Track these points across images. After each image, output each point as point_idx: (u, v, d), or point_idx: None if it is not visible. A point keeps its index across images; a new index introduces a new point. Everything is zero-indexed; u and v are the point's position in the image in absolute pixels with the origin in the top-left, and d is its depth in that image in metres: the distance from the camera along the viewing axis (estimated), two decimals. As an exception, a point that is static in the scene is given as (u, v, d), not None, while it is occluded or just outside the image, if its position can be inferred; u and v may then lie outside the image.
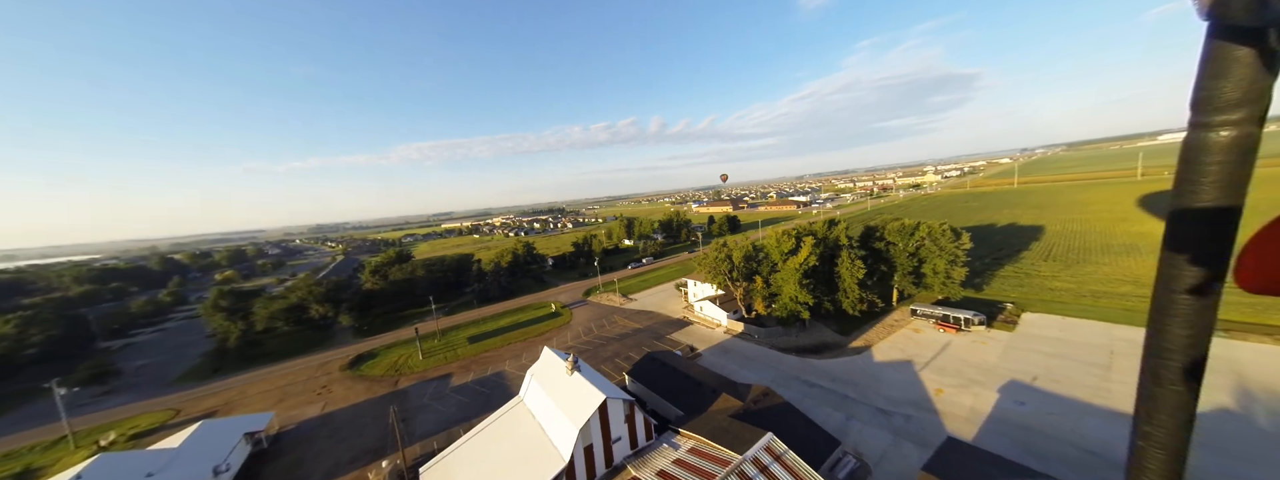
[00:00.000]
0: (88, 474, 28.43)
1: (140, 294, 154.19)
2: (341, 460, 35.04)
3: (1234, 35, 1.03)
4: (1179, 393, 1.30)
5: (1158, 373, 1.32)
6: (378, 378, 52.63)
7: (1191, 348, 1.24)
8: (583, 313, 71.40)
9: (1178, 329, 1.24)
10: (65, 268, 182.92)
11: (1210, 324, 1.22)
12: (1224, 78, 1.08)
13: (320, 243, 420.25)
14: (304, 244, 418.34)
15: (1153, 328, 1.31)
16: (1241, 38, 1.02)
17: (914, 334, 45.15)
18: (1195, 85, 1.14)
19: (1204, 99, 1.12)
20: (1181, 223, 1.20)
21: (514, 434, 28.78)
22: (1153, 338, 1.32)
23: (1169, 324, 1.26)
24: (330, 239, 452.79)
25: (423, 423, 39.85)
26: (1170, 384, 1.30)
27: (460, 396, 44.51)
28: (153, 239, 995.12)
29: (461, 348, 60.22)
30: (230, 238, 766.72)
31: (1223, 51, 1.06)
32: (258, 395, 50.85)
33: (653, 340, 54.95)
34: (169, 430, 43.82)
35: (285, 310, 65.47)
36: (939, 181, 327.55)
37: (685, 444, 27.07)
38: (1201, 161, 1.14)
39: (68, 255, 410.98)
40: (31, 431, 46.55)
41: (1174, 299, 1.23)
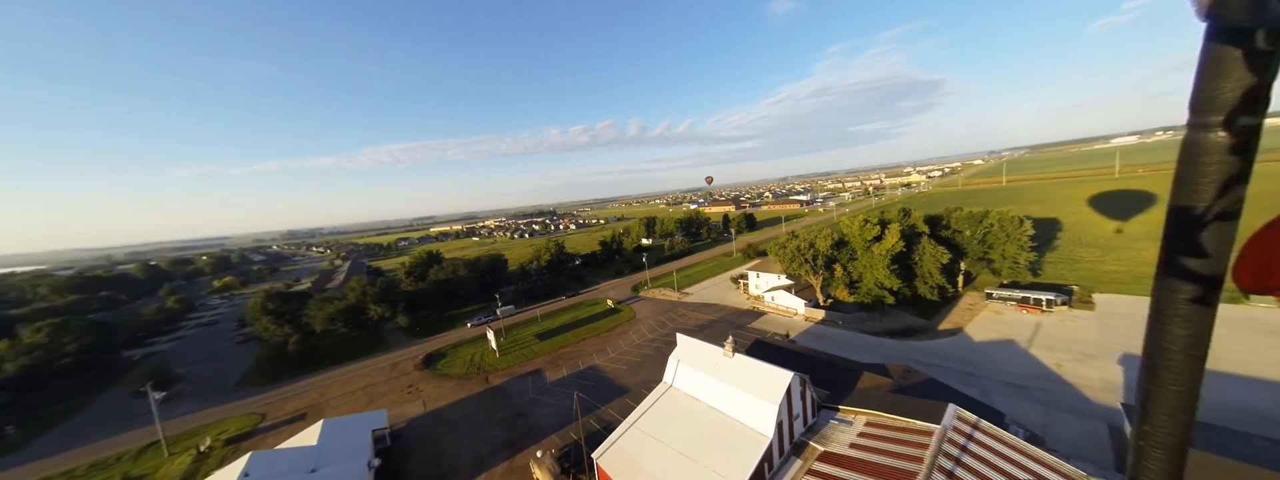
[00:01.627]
0: (252, 470, 27.51)
1: (131, 302, 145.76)
2: (481, 452, 34.74)
3: (1232, 36, 1.04)
4: (1179, 393, 1.30)
5: (1157, 372, 1.34)
6: (462, 376, 51.89)
7: (1191, 348, 1.25)
8: (643, 308, 71.83)
9: (1177, 329, 1.26)
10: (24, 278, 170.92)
11: (1210, 324, 1.23)
12: (1222, 78, 1.09)
13: (303, 248, 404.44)
14: (285, 250, 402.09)
15: (1152, 328, 1.33)
16: (1240, 39, 1.04)
17: (996, 316, 47.65)
18: (1194, 86, 1.16)
19: (1203, 99, 1.14)
20: (1180, 223, 1.22)
21: (682, 417, 29.25)
22: (1152, 338, 1.33)
23: (1169, 324, 1.28)
24: (313, 244, 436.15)
25: (541, 416, 39.73)
26: (1170, 384, 1.31)
27: (565, 390, 44.41)
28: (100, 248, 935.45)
29: (533, 345, 59.84)
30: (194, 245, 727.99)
31: (1221, 52, 1.08)
32: (341, 396, 49.42)
33: (733, 329, 55.94)
34: (263, 434, 42.43)
35: (343, 312, 63.47)
36: (927, 181, 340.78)
37: (856, 419, 28.14)
38: (1200, 162, 1.16)
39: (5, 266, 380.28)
40: (106, 442, 44.03)
41: (1173, 299, 1.25)
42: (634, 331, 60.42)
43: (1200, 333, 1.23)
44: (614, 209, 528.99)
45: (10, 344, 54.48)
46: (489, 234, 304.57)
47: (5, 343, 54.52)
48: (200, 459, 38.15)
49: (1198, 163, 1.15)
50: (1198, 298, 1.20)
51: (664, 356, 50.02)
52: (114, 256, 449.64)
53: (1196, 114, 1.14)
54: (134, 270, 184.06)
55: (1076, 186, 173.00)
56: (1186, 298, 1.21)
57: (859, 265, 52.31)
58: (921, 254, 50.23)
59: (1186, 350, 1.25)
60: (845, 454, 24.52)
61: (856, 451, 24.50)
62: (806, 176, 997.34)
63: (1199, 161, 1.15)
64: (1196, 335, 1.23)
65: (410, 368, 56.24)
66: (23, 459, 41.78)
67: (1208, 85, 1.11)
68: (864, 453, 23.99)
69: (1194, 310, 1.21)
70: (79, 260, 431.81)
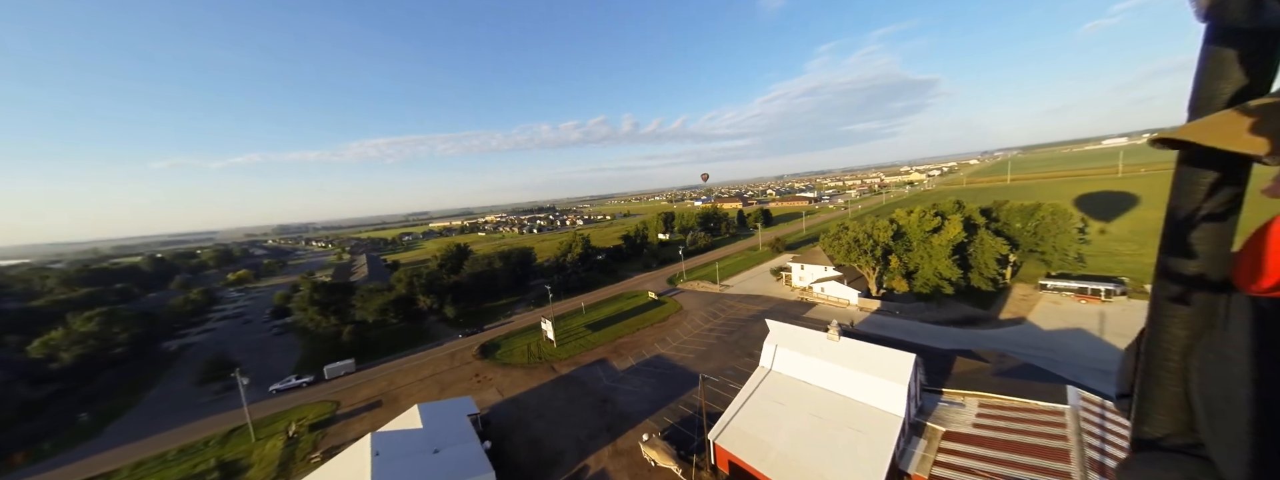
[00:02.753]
0: (380, 448, 27.92)
1: (144, 296, 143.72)
2: (578, 436, 35.37)
3: (1232, 37, 1.04)
4: (1177, 394, 1.29)
5: (1157, 373, 1.33)
6: (526, 365, 52.38)
7: (1191, 349, 1.23)
8: (686, 300, 72.59)
9: (1177, 330, 1.25)
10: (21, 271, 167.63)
11: (1209, 325, 1.21)
12: (1222, 79, 1.09)
13: (300, 242, 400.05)
14: (283, 244, 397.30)
15: (1152, 328, 1.32)
16: (1239, 40, 1.03)
17: (1056, 306, 49.09)
18: (1194, 87, 1.15)
19: (1203, 100, 1.13)
20: (1180, 224, 1.21)
21: (794, 400, 30.05)
22: (1152, 338, 1.33)
23: (1168, 325, 1.27)
24: (311, 238, 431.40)
25: (626, 403, 40.34)
26: (1169, 385, 1.30)
27: (639, 378, 45.13)
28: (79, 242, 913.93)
29: (587, 336, 60.33)
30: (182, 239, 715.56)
31: (1221, 53, 1.07)
32: (410, 385, 49.72)
33: (790, 319, 56.91)
34: (343, 420, 42.73)
35: (393, 302, 63.44)
36: (928, 179, 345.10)
37: (967, 401, 29.18)
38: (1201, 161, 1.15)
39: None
40: (182, 429, 44.05)
41: (1173, 300, 1.25)
42: (687, 322, 61.21)
43: (1199, 334, 1.21)
44: (613, 206, 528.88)
45: (64, 333, 53.87)
46: (494, 229, 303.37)
47: (60, 331, 53.90)
48: (291, 443, 38.37)
49: (1197, 164, 1.15)
50: (1197, 299, 1.20)
51: (727, 346, 51.17)
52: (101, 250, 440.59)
53: (1196, 115, 1.14)
54: (141, 263, 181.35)
55: (1080, 185, 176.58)
56: (1185, 299, 1.22)
57: (915, 256, 53.47)
58: (979, 245, 51.48)
59: (1186, 351, 1.24)
60: (972, 433, 25.48)
61: (984, 431, 25.47)
62: (803, 175, 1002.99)
63: (1199, 161, 1.14)
64: (1195, 337, 1.22)
65: (469, 357, 56.59)
66: (104, 445, 41.66)
67: (1208, 86, 1.11)
68: (994, 432, 24.95)
69: (1193, 312, 1.21)
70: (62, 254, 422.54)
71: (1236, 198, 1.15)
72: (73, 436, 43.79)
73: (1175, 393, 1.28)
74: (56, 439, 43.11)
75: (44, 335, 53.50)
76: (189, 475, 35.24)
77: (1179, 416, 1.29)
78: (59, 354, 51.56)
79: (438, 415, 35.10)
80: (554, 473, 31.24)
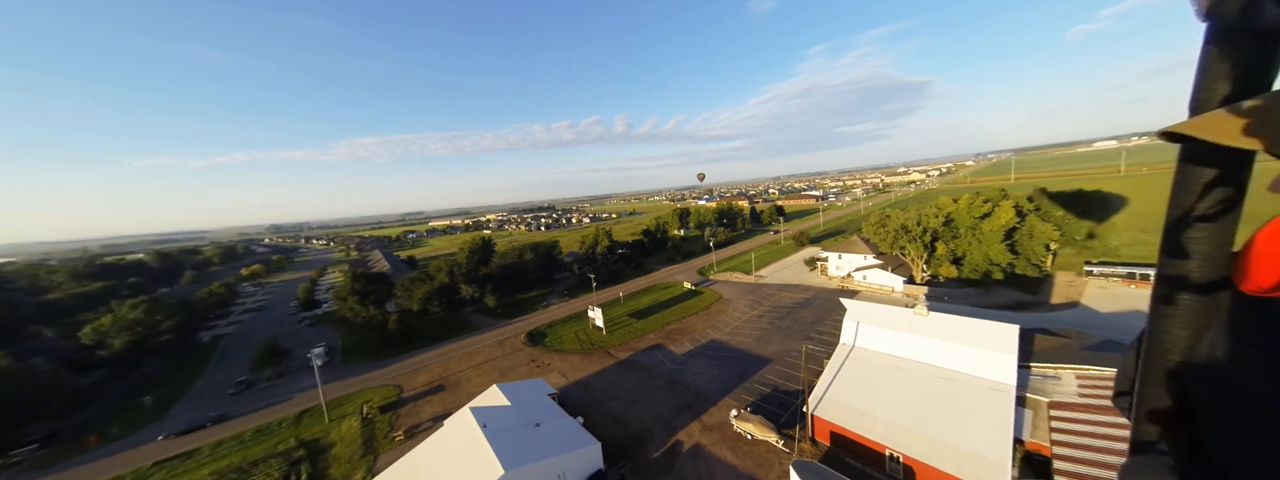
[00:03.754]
0: (485, 421, 28.07)
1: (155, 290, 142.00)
2: (661, 414, 35.68)
3: (1232, 37, 1.05)
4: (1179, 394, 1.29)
5: (1157, 374, 1.32)
6: (581, 350, 52.58)
7: (1191, 349, 1.23)
8: (724, 289, 73.04)
9: (1177, 330, 1.25)
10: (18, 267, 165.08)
11: (1210, 325, 1.20)
12: (1223, 79, 1.09)
13: (298, 241, 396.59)
14: (282, 243, 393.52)
15: (1153, 328, 1.32)
16: (1240, 39, 1.04)
17: (1104, 291, 50.09)
18: (1194, 86, 1.15)
19: (1203, 100, 1.13)
20: (1180, 223, 1.21)
21: (887, 373, 30.58)
22: (1153, 338, 1.33)
23: (1169, 325, 1.27)
24: (310, 237, 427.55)
25: (698, 383, 40.66)
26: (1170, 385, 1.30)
27: (702, 361, 45.49)
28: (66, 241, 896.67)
29: (632, 324, 60.56)
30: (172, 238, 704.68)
31: (1221, 53, 1.08)
32: (468, 370, 49.78)
33: (834, 307, 57.58)
34: (411, 402, 42.83)
35: (437, 291, 63.31)
36: (928, 179, 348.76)
37: (1062, 374, 29.79)
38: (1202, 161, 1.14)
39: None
40: (248, 413, 43.73)
41: (1174, 300, 1.25)
42: (732, 310, 61.66)
43: (1199, 334, 1.21)
44: (614, 205, 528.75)
45: (112, 319, 53.23)
46: (498, 226, 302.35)
47: (108, 318, 53.25)
48: (367, 424, 38.33)
49: (1198, 164, 1.15)
50: (1197, 299, 1.19)
51: (781, 331, 51.69)
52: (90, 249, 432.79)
53: (1197, 114, 1.12)
54: (148, 259, 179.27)
55: (1085, 184, 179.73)
56: (1187, 299, 1.21)
57: (963, 242, 54.32)
58: (1028, 231, 52.40)
59: (1186, 351, 1.23)
60: (1080, 402, 26.10)
61: (1092, 400, 26.12)
62: (799, 176, 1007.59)
63: (1200, 161, 1.14)
64: (1196, 336, 1.22)
65: (518, 345, 56.66)
66: (173, 428, 41.32)
67: (1208, 85, 1.11)
68: (1104, 400, 25.56)
69: (1194, 312, 1.21)
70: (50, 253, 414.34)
71: (1236, 198, 1.14)
72: (137, 419, 43.39)
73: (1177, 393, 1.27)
74: (121, 423, 42.69)
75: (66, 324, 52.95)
76: (273, 453, 35.15)
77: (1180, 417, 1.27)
78: (109, 340, 50.95)
79: (520, 393, 35.27)
80: (647, 447, 31.52)
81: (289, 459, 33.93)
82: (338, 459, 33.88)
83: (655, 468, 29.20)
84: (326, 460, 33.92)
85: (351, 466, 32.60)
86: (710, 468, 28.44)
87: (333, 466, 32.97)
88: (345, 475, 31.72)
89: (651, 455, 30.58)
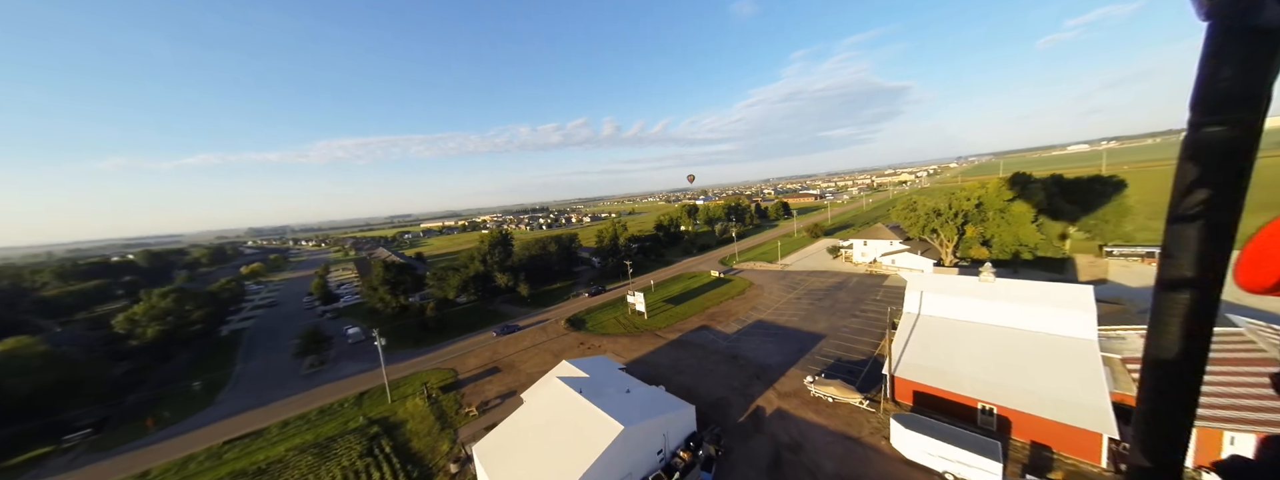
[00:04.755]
0: (580, 388, 28.41)
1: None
2: (732, 385, 36.40)
3: (1233, 36, 1.06)
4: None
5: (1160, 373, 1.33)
6: (630, 333, 53.00)
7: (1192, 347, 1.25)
8: (752, 277, 74.19)
9: (1178, 328, 1.26)
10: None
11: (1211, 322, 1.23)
12: (1224, 78, 1.09)
13: (290, 242, 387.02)
14: (269, 244, 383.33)
15: (1153, 327, 1.33)
16: (1241, 38, 1.05)
17: (1126, 269, 52.63)
18: (1195, 85, 1.16)
19: (1204, 99, 1.14)
20: (1181, 222, 1.22)
21: (960, 336, 31.80)
22: (1153, 336, 1.33)
23: (1170, 323, 1.28)
24: (300, 239, 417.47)
25: (759, 357, 41.42)
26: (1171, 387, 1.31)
27: (755, 339, 46.36)
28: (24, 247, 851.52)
29: (669, 309, 61.13)
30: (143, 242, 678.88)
31: (1222, 52, 1.08)
32: (517, 353, 49.78)
33: (868, 289, 59.28)
34: (470, 383, 42.86)
35: (473, 279, 62.99)
36: (918, 180, 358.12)
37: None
38: (1201, 161, 1.16)
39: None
40: (300, 396, 43.25)
41: (1174, 298, 1.25)
42: (767, 294, 62.77)
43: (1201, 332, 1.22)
44: (606, 206, 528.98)
45: (144, 307, 51.68)
46: (497, 226, 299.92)
47: (140, 306, 51.69)
48: (434, 403, 38.15)
49: (1199, 162, 1.16)
50: (1198, 297, 1.20)
51: (824, 310, 52.93)
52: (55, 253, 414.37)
53: (1197, 113, 1.14)
54: (138, 258, 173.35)
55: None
56: (1187, 297, 1.22)
57: (991, 225, 56.52)
58: (1054, 215, 54.81)
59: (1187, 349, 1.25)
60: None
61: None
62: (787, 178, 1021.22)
63: (1200, 161, 1.16)
64: (1197, 335, 1.23)
65: (561, 330, 56.78)
66: (225, 412, 40.61)
67: (1209, 84, 1.12)
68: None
69: (1195, 310, 1.22)
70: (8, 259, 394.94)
71: (1237, 198, 1.15)
72: (188, 405, 42.30)
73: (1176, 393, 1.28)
74: (171, 408, 41.60)
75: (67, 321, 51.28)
76: (345, 430, 34.80)
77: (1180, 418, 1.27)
78: (141, 329, 49.48)
79: (593, 368, 35.62)
80: (730, 413, 32.20)
81: (365, 434, 33.67)
82: (415, 433, 33.74)
83: (745, 430, 29.89)
84: (403, 435, 33.74)
85: (433, 439, 32.53)
86: (800, 428, 29.25)
87: (413, 441, 32.84)
88: (429, 447, 31.66)
89: (737, 419, 31.28)
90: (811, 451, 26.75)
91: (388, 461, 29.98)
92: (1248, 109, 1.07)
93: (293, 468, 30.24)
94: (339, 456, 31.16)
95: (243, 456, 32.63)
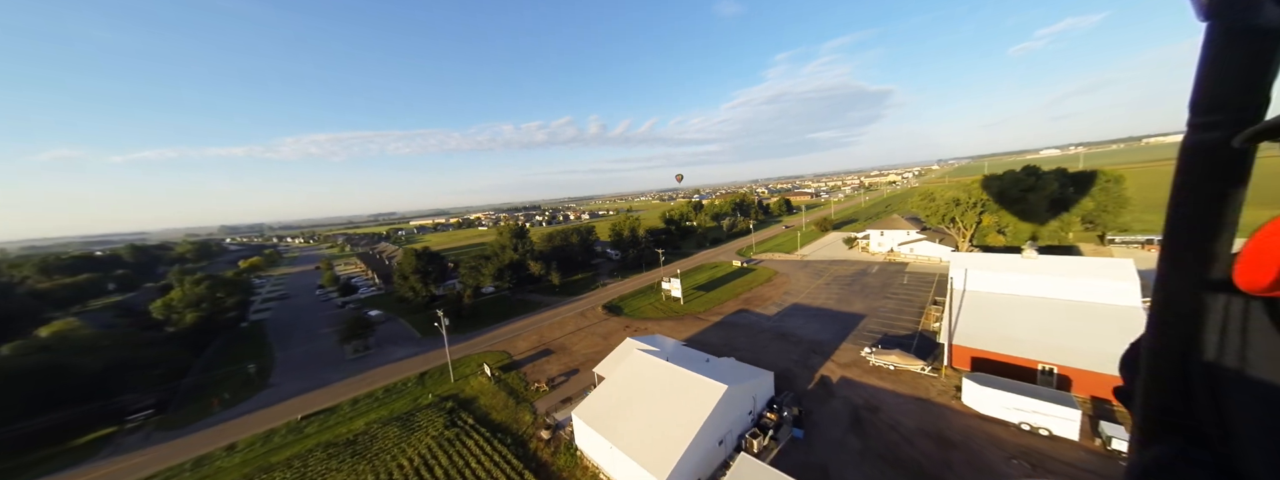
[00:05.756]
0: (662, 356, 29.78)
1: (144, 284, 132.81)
2: (791, 358, 38.21)
3: (1232, 36, 1.05)
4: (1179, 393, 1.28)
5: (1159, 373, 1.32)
6: (672, 317, 54.49)
7: (1192, 348, 1.22)
8: (774, 266, 76.43)
9: (1178, 328, 1.25)
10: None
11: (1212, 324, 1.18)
12: (1223, 78, 1.08)
13: (273, 239, 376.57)
14: (249, 242, 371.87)
15: (1153, 327, 1.32)
16: (1240, 38, 1.04)
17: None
18: (1195, 86, 1.15)
19: (1204, 99, 1.13)
20: (1181, 222, 1.21)
21: (1009, 306, 34.32)
22: (1153, 337, 1.32)
23: (1170, 323, 1.27)
24: (281, 236, 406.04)
25: (808, 333, 43.40)
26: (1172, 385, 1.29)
27: (797, 319, 48.34)
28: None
29: (702, 295, 62.73)
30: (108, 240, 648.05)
31: (1222, 53, 1.07)
32: (565, 336, 50.84)
33: (892, 275, 62.05)
34: (528, 363, 43.90)
35: (508, 267, 63.54)
36: (905, 180, 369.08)
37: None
38: (1201, 161, 1.15)
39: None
40: (355, 379, 43.46)
41: (1175, 298, 1.24)
42: (794, 281, 64.99)
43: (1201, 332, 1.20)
44: (598, 204, 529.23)
45: (180, 294, 50.79)
46: (494, 223, 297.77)
47: (176, 292, 50.74)
48: (497, 380, 38.98)
49: (1198, 162, 1.15)
50: (1198, 297, 1.19)
51: (856, 293, 55.45)
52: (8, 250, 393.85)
53: (1197, 114, 1.14)
54: (123, 253, 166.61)
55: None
56: (1188, 297, 1.21)
57: (1006, 214, 59.88)
58: (1064, 205, 58.43)
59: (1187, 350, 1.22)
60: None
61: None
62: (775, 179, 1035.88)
63: (1200, 161, 1.15)
64: (1197, 335, 1.20)
65: (600, 315, 57.86)
66: (284, 393, 40.71)
67: (1208, 85, 1.11)
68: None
69: (1195, 310, 1.20)
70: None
71: (1238, 198, 1.14)
72: (245, 387, 42.11)
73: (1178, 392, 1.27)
74: (230, 390, 41.43)
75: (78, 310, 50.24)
76: (418, 406, 35.43)
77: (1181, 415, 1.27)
78: (178, 315, 48.68)
79: (658, 344, 37.04)
80: (798, 382, 34.01)
81: (442, 409, 34.39)
82: (491, 407, 34.61)
83: (817, 396, 31.74)
84: (480, 409, 34.58)
85: (512, 412, 33.49)
86: (869, 392, 31.23)
87: (492, 413, 33.73)
88: (511, 418, 32.62)
89: (806, 387, 33.11)
90: (888, 411, 28.74)
91: (475, 431, 30.84)
92: (1247, 109, 1.07)
93: (380, 439, 30.87)
94: (423, 428, 31.88)
95: (323, 430, 33.04)
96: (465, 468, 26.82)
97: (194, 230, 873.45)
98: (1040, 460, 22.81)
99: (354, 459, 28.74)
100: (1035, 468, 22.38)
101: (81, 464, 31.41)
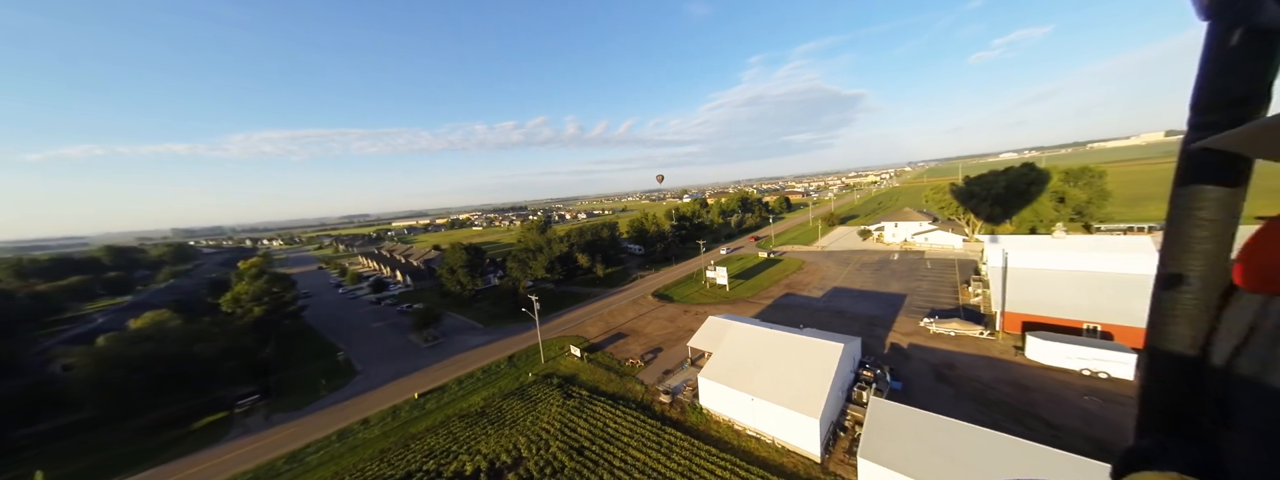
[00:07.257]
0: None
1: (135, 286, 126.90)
2: (854, 329, 42.31)
3: (1232, 37, 1.04)
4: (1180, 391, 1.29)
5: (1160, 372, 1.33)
6: (726, 301, 58.15)
7: (1192, 347, 1.22)
8: (798, 257, 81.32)
9: (1178, 328, 1.25)
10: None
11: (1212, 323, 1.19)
12: (1223, 78, 1.08)
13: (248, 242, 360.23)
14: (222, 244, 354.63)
15: (1153, 327, 1.33)
16: (1241, 38, 1.03)
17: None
18: (1196, 86, 1.14)
19: (1204, 99, 1.12)
20: (1181, 222, 1.21)
21: (1050, 278, 39.57)
22: (1153, 337, 1.33)
23: (1170, 323, 1.27)
24: (257, 237, 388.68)
25: (861, 311, 47.84)
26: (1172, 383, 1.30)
27: (846, 300, 52.78)
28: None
29: (741, 283, 66.74)
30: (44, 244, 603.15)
31: (1222, 52, 1.07)
32: (633, 320, 53.92)
33: (914, 262, 67.71)
34: (606, 345, 46.59)
35: (558, 259, 65.76)
36: (885, 180, 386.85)
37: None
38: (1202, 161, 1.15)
39: None
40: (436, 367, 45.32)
41: (1175, 298, 1.25)
42: (825, 268, 69.84)
43: (1201, 332, 1.20)
44: (586, 205, 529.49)
45: (245, 286, 50.79)
46: (488, 224, 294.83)
47: (242, 285, 50.69)
48: (588, 359, 41.67)
49: (1199, 162, 1.15)
50: (1199, 297, 1.20)
51: (890, 276, 60.82)
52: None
53: (1197, 114, 1.14)
54: (100, 255, 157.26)
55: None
56: (1188, 297, 1.22)
57: (1014, 205, 66.52)
58: (1061, 194, 65.57)
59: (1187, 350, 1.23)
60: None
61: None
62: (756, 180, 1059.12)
63: (1200, 161, 1.15)
64: (1197, 335, 1.21)
65: (653, 303, 60.92)
66: (382, 379, 42.22)
67: (1209, 85, 1.10)
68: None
69: (1195, 310, 1.21)
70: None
71: (1238, 199, 1.15)
72: (338, 375, 43.12)
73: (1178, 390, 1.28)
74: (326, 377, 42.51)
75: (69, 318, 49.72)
76: (524, 383, 37.74)
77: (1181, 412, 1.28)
78: (245, 309, 48.86)
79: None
80: (872, 350, 38.21)
81: (550, 384, 36.85)
82: (598, 381, 37.35)
83: (894, 359, 36.00)
84: (587, 382, 37.25)
85: (620, 383, 36.35)
86: (940, 354, 35.72)
87: (601, 386, 36.45)
88: (622, 389, 35.47)
89: (882, 352, 37.37)
90: (963, 367, 33.24)
91: (596, 400, 33.56)
92: (1247, 109, 1.06)
93: (508, 411, 33.18)
94: (543, 400, 34.37)
95: (443, 406, 35.02)
96: (606, 428, 29.60)
97: (145, 234, 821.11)
98: (1108, 396, 27.62)
99: (494, 426, 31.05)
100: (1105, 402, 27.12)
101: (215, 444, 32.38)
